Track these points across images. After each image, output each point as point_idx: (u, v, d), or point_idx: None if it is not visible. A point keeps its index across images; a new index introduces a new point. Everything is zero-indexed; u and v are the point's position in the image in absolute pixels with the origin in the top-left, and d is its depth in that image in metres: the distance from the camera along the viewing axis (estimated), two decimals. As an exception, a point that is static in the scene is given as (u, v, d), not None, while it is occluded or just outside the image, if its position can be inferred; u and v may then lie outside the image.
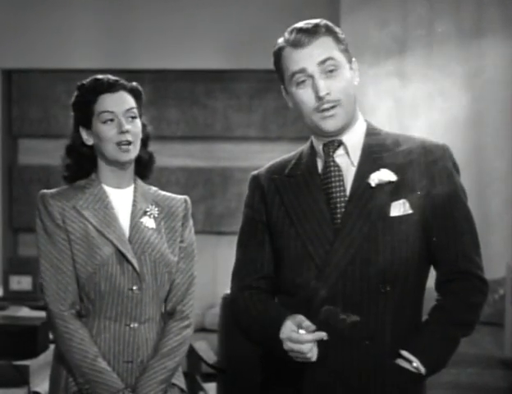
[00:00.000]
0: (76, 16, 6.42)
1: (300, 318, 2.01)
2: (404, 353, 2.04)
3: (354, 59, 2.15)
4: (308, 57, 2.06)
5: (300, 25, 2.11)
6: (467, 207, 2.12)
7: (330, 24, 2.13)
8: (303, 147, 2.23)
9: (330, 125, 2.09)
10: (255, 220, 2.21)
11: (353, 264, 2.05)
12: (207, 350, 4.13)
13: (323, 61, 2.06)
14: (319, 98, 2.06)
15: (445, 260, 2.10)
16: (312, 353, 2.00)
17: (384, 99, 5.65)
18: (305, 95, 2.08)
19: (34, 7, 6.42)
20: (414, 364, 2.03)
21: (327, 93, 2.06)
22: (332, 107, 2.07)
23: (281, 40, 2.13)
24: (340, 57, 2.09)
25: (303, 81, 2.08)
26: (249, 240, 2.22)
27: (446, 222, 2.08)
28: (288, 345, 2.01)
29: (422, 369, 2.03)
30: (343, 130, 2.12)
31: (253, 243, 2.21)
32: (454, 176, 2.11)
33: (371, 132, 2.16)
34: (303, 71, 2.07)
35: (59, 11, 6.41)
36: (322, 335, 1.99)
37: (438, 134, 5.39)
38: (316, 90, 2.06)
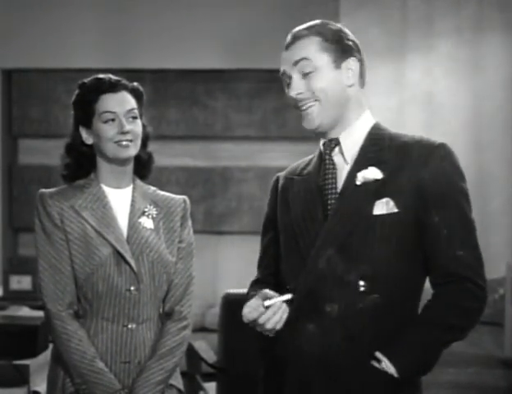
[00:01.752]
0: (76, 15, 6.42)
1: (265, 291, 2.08)
2: (377, 353, 2.02)
3: (352, 58, 2.14)
4: (286, 60, 2.14)
5: (296, 28, 2.17)
6: (463, 208, 2.06)
7: (325, 25, 2.15)
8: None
9: (306, 123, 2.13)
10: (270, 219, 2.29)
11: (333, 262, 2.06)
12: (207, 349, 4.13)
13: (297, 62, 2.11)
14: (291, 98, 2.12)
15: (436, 264, 2.06)
16: (271, 324, 2.04)
17: (383, 99, 5.64)
18: (288, 95, 2.14)
19: (34, 7, 6.42)
20: (383, 364, 2.01)
21: (299, 93, 2.11)
22: (307, 106, 2.11)
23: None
24: (319, 57, 2.11)
25: (288, 83, 2.15)
26: (265, 238, 2.30)
27: (437, 224, 2.04)
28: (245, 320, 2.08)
29: (392, 370, 2.00)
30: (327, 128, 2.14)
31: (268, 241, 2.28)
32: (449, 176, 2.06)
33: (374, 131, 2.16)
34: (283, 73, 2.15)
35: (59, 11, 6.42)
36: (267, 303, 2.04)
37: (438, 133, 5.39)
38: (289, 90, 2.12)
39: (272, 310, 2.04)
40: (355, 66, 2.14)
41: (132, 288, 2.44)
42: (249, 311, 2.07)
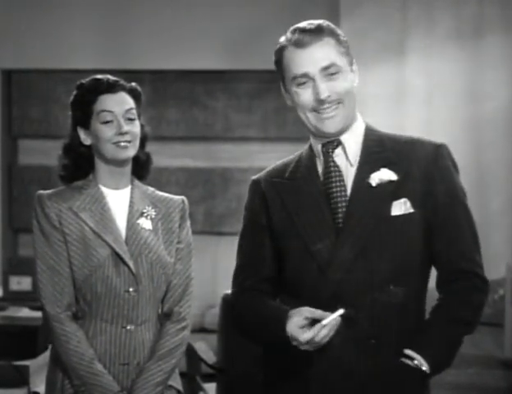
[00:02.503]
0: (76, 16, 6.42)
1: (307, 310, 2.02)
2: (407, 351, 2.04)
3: (354, 60, 2.15)
4: (310, 61, 2.08)
5: (303, 24, 2.12)
6: (466, 206, 2.13)
7: (332, 25, 2.14)
8: (302, 150, 2.24)
9: (329, 126, 2.10)
10: (255, 223, 2.22)
11: (356, 264, 2.06)
12: (206, 350, 4.13)
13: (326, 68, 2.08)
14: (320, 101, 2.08)
15: (445, 260, 2.11)
16: (326, 338, 1.99)
17: (383, 99, 5.64)
18: (305, 96, 2.10)
19: (34, 8, 6.42)
20: (416, 362, 2.03)
21: (328, 96, 2.08)
22: (332, 109, 2.09)
23: (283, 39, 2.14)
24: (341, 61, 2.10)
25: (304, 82, 2.10)
26: (249, 243, 2.24)
27: (446, 222, 2.10)
28: (296, 342, 2.01)
29: (425, 366, 2.03)
30: (342, 131, 2.13)
31: (254, 246, 2.22)
32: (453, 175, 2.12)
33: (369, 133, 2.17)
34: (305, 75, 2.09)
35: (59, 11, 6.41)
36: (333, 320, 1.99)
37: (438, 134, 5.38)
38: (316, 92, 2.07)
39: (327, 328, 1.99)
40: (356, 69, 2.16)
41: (131, 289, 2.43)
42: (303, 333, 2.00)
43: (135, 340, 2.45)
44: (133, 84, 2.53)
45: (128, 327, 2.45)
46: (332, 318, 1.99)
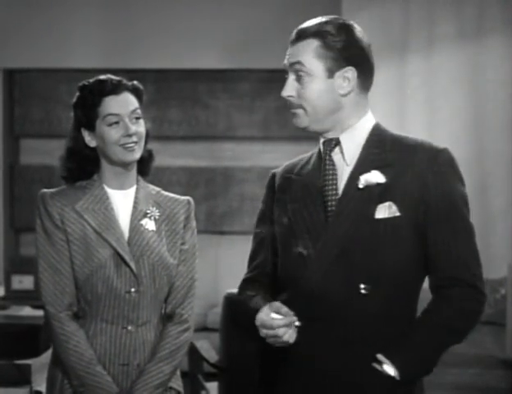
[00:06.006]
0: (78, 15, 6.43)
1: (277, 304, 2.04)
2: (378, 355, 2.03)
3: (349, 67, 2.09)
4: (287, 57, 2.13)
5: (305, 23, 2.14)
6: (463, 213, 2.08)
7: (330, 28, 2.11)
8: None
9: (294, 122, 2.15)
10: (266, 216, 2.24)
11: (336, 265, 2.05)
12: (208, 349, 4.13)
13: (292, 64, 2.10)
14: (283, 97, 2.13)
15: (438, 266, 2.07)
16: (288, 336, 2.02)
17: (384, 100, 5.64)
18: (281, 93, 2.15)
19: (35, 7, 6.43)
20: (384, 367, 2.01)
21: (290, 96, 2.11)
22: (295, 109, 2.12)
23: None
24: (313, 63, 2.08)
25: (285, 77, 2.14)
26: (258, 233, 2.26)
27: (440, 228, 2.05)
28: (263, 332, 2.04)
29: (393, 372, 2.01)
30: (324, 130, 2.13)
31: (260, 238, 2.24)
32: (450, 182, 2.07)
33: (374, 133, 2.15)
34: (285, 69, 2.14)
35: (61, 10, 6.42)
36: (293, 319, 2.02)
37: (439, 134, 5.39)
38: (283, 89, 2.13)
39: (285, 327, 2.02)
40: (352, 76, 2.10)
41: (132, 290, 2.42)
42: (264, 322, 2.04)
43: (136, 341, 2.44)
44: (135, 82, 2.51)
45: (128, 328, 2.43)
46: (280, 318, 2.01)
